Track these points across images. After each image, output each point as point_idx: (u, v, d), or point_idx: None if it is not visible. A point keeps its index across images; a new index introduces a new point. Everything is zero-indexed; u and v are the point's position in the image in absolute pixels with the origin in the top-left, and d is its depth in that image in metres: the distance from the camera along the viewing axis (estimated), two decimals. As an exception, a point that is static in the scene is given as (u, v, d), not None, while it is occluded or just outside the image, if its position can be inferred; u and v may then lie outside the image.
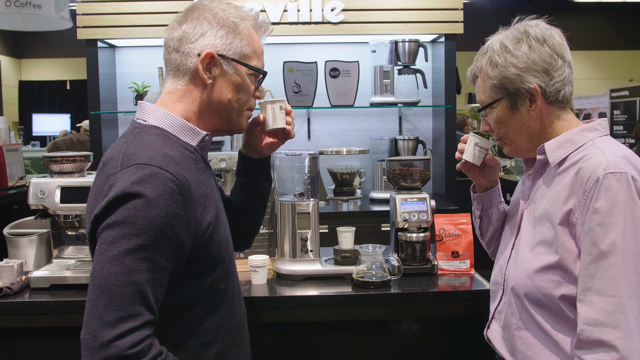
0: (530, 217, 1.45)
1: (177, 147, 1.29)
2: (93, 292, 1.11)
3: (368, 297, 1.93)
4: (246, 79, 1.36)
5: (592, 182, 1.26)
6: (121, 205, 1.12)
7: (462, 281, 2.07)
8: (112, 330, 1.07)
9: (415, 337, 2.05)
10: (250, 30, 1.36)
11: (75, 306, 1.88)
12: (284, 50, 3.92)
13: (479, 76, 1.50)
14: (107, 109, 3.85)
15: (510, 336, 1.44)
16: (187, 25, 1.32)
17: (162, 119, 1.31)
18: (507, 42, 1.43)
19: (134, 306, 1.09)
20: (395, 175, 2.16)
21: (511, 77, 1.40)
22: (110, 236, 1.12)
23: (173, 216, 1.16)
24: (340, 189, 2.10)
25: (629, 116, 7.79)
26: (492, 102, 1.47)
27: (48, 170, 2.09)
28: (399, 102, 3.74)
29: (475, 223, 1.79)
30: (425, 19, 3.66)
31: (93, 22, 3.65)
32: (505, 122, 1.46)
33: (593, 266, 1.23)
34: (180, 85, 1.34)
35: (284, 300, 1.93)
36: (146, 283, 1.11)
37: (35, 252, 2.13)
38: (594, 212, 1.24)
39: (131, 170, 1.16)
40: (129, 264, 1.10)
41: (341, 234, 2.11)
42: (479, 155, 1.65)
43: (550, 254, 1.33)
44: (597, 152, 1.32)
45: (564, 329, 1.32)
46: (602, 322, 1.20)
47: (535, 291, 1.34)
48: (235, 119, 1.39)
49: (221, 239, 1.32)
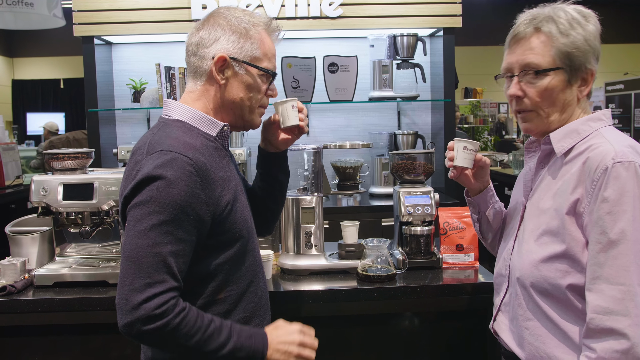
0: (534, 207, 1.44)
1: (198, 136, 1.43)
2: (124, 263, 1.27)
3: (373, 290, 1.92)
4: (257, 79, 1.48)
5: (600, 171, 1.25)
6: (146, 186, 1.29)
7: (467, 274, 2.07)
8: (140, 295, 1.24)
9: (421, 331, 2.05)
10: (262, 35, 1.48)
11: (79, 303, 1.88)
12: (282, 46, 3.82)
13: (542, 34, 1.36)
14: (104, 106, 3.82)
15: (517, 327, 1.43)
16: (203, 31, 1.47)
17: (184, 113, 1.47)
18: (575, 15, 1.36)
19: (159, 274, 1.26)
20: (399, 168, 2.16)
21: (583, 50, 1.34)
22: (137, 214, 1.28)
23: (192, 195, 1.31)
24: (344, 183, 2.10)
25: (624, 110, 7.81)
26: (551, 69, 1.36)
27: (44, 169, 2.07)
28: (398, 97, 3.73)
29: (475, 227, 1.79)
30: (423, 13, 3.65)
31: (89, 19, 3.62)
32: (555, 95, 1.37)
33: (602, 255, 1.23)
34: (198, 85, 1.49)
35: (289, 295, 1.93)
36: (169, 254, 1.27)
37: (38, 249, 2.12)
38: (602, 201, 1.24)
39: (154, 157, 1.32)
40: (154, 237, 1.26)
41: (345, 228, 2.10)
42: (470, 157, 1.64)
43: (556, 243, 1.32)
44: (604, 141, 1.32)
45: (571, 318, 1.32)
46: (612, 310, 1.20)
47: (542, 281, 1.34)
48: (247, 116, 1.52)
49: (239, 217, 1.44)
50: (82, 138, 5.92)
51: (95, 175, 2.00)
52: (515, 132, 10.31)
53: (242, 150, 3.50)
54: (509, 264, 1.49)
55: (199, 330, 1.30)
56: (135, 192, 1.30)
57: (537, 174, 1.48)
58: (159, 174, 1.28)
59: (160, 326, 1.25)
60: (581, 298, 1.30)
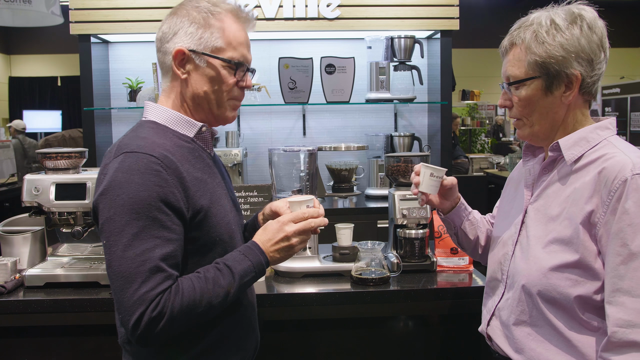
0: (540, 214, 1.41)
1: (171, 137, 1.38)
2: (116, 280, 1.21)
3: (367, 294, 1.91)
4: (221, 71, 1.39)
5: (618, 182, 1.24)
6: (115, 193, 1.23)
7: (461, 278, 2.06)
8: (140, 307, 1.19)
9: (415, 334, 2.04)
10: (225, 22, 1.39)
11: (70, 304, 1.86)
12: (279, 46, 3.89)
13: (517, 47, 1.39)
14: (100, 105, 3.80)
15: (518, 333, 1.41)
16: (165, 26, 1.42)
17: (160, 114, 1.42)
18: (557, 20, 1.35)
19: (154, 280, 1.21)
20: (394, 171, 2.15)
21: (558, 58, 1.33)
22: (114, 227, 1.22)
23: (164, 192, 1.26)
24: (339, 185, 2.08)
25: (620, 113, 7.83)
26: (527, 79, 1.38)
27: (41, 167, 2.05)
28: (395, 99, 3.72)
29: (453, 239, 1.78)
30: (421, 15, 3.64)
31: (86, 17, 3.59)
32: (534, 103, 1.39)
33: (622, 267, 1.21)
34: (167, 83, 1.44)
35: (282, 297, 1.92)
36: (159, 259, 1.22)
37: (30, 249, 2.10)
38: (623, 213, 1.22)
39: (120, 159, 1.27)
40: (139, 245, 1.21)
41: (340, 230, 2.09)
42: (436, 184, 1.63)
43: (568, 252, 1.31)
44: (618, 152, 1.30)
45: (575, 327, 1.31)
46: (636, 323, 1.19)
47: (550, 289, 1.32)
48: (216, 110, 1.44)
49: (220, 220, 1.39)
50: (78, 136, 5.90)
51: (88, 175, 1.98)
52: (512, 135, 10.32)
53: (238, 151, 3.49)
54: (507, 269, 1.48)
55: (202, 293, 1.26)
56: (104, 202, 1.25)
57: (539, 180, 1.46)
58: (125, 179, 1.24)
59: (167, 320, 1.20)
60: (586, 310, 1.29)
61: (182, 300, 1.22)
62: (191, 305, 1.24)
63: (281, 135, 3.97)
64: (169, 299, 1.21)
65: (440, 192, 1.67)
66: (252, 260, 1.35)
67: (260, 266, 1.36)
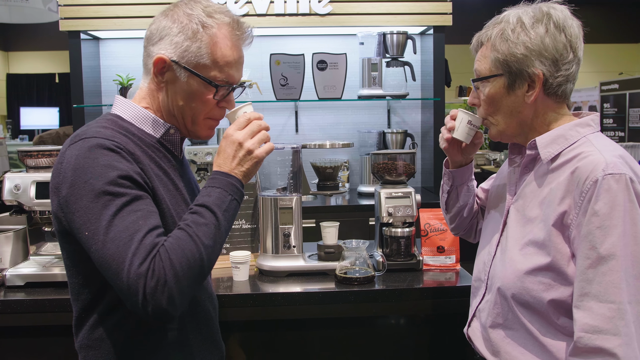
0: (520, 214, 1.39)
1: (132, 134, 1.31)
2: (108, 268, 1.13)
3: (351, 293, 1.89)
4: (199, 89, 1.31)
5: (590, 182, 1.20)
6: (82, 180, 1.16)
7: (448, 277, 2.04)
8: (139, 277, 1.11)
9: (400, 334, 2.02)
10: (217, 38, 1.30)
11: (50, 304, 1.84)
12: (270, 42, 3.86)
13: (484, 45, 1.40)
14: (91, 102, 3.78)
15: (494, 336, 1.39)
16: (154, 25, 1.33)
17: (127, 110, 1.36)
18: (525, 18, 1.33)
19: (142, 249, 1.13)
20: (380, 169, 2.12)
21: (518, 56, 1.32)
22: (92, 215, 1.14)
23: (133, 169, 1.21)
24: (324, 183, 2.06)
25: (618, 109, 7.78)
26: (489, 76, 1.38)
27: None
28: (387, 95, 3.69)
29: (442, 197, 1.74)
30: (413, 11, 3.60)
31: (76, 13, 3.57)
32: (497, 101, 1.38)
33: (591, 271, 1.18)
34: (146, 83, 1.37)
35: (265, 297, 1.89)
36: (145, 231, 1.15)
37: (12, 249, 2.08)
38: (593, 215, 1.18)
39: (78, 145, 1.21)
40: (120, 224, 1.14)
41: (325, 229, 2.07)
42: (470, 133, 1.55)
43: (541, 255, 1.28)
44: (593, 150, 1.26)
45: (550, 332, 1.28)
46: (602, 329, 1.15)
47: (524, 293, 1.29)
48: (190, 125, 1.36)
49: (172, 212, 1.30)
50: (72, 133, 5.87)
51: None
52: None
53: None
54: (489, 270, 1.45)
55: (189, 239, 1.17)
56: (75, 195, 1.16)
57: (521, 178, 1.43)
58: (88, 163, 1.17)
59: (170, 281, 1.12)
60: (560, 314, 1.26)
61: (173, 256, 1.14)
62: (186, 254, 1.15)
63: (273, 132, 3.90)
64: (160, 261, 1.12)
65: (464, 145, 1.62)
66: (220, 186, 1.26)
67: (232, 187, 1.27)
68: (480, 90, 1.42)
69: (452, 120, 1.58)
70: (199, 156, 3.45)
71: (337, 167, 2.05)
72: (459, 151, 1.64)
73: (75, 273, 1.30)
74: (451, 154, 1.65)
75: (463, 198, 1.69)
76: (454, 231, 1.79)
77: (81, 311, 1.31)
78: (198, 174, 3.56)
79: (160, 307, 1.11)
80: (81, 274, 1.28)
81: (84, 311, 1.30)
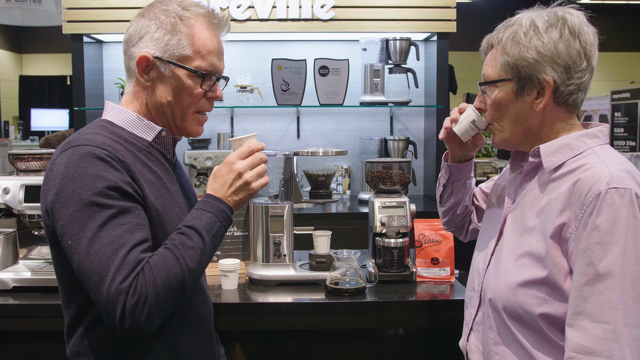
0: (517, 223, 1.34)
1: (123, 139, 1.31)
2: (89, 279, 1.13)
3: (341, 305, 1.85)
4: (186, 81, 1.33)
5: (592, 195, 1.15)
6: (70, 189, 1.16)
7: (442, 289, 1.99)
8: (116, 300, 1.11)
9: (391, 347, 1.97)
10: (195, 29, 1.32)
11: (36, 310, 1.82)
12: (272, 48, 3.84)
13: (494, 47, 1.35)
14: (93, 105, 3.77)
15: (487, 351, 1.35)
16: (132, 28, 1.35)
17: (117, 115, 1.37)
18: (538, 22, 1.28)
19: (126, 265, 1.13)
20: (374, 177, 2.08)
21: (529, 60, 1.27)
22: (76, 225, 1.15)
23: (123, 179, 1.21)
24: (317, 191, 2.02)
25: (630, 118, 7.69)
26: (498, 80, 1.33)
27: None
28: (390, 102, 3.66)
29: (437, 190, 1.72)
30: (417, 17, 3.57)
31: (79, 17, 3.57)
32: (504, 107, 1.34)
33: (587, 288, 1.12)
34: (131, 86, 1.38)
35: (252, 307, 1.86)
36: (130, 245, 1.15)
37: (2, 252, 2.06)
38: (593, 229, 1.13)
39: (68, 153, 1.21)
40: (105, 237, 1.14)
41: (316, 238, 2.03)
42: (470, 132, 1.50)
43: (537, 268, 1.23)
44: (598, 162, 1.21)
45: (544, 347, 1.23)
46: (594, 351, 1.10)
47: (516, 306, 1.25)
48: (179, 121, 1.38)
49: (172, 228, 1.29)
50: (77, 136, 5.89)
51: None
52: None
53: (229, 153, 3.45)
54: (482, 280, 1.41)
55: (174, 260, 1.18)
56: (62, 202, 1.17)
57: (521, 186, 1.38)
58: (77, 172, 1.17)
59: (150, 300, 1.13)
60: (554, 329, 1.21)
61: (157, 275, 1.14)
62: (169, 276, 1.16)
63: (274, 137, 3.92)
64: (144, 279, 1.13)
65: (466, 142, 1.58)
66: (212, 211, 1.27)
67: (223, 214, 1.29)
68: (487, 94, 1.38)
69: (458, 113, 1.54)
70: (198, 161, 3.45)
71: (329, 175, 2.01)
72: (458, 146, 1.61)
73: (65, 280, 1.30)
74: (450, 147, 1.63)
75: (457, 195, 1.66)
76: (445, 226, 1.77)
77: (72, 318, 1.32)
78: (198, 178, 3.55)
79: (138, 324, 1.13)
80: (70, 282, 1.28)
81: (75, 319, 1.31)
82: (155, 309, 1.14)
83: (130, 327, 1.12)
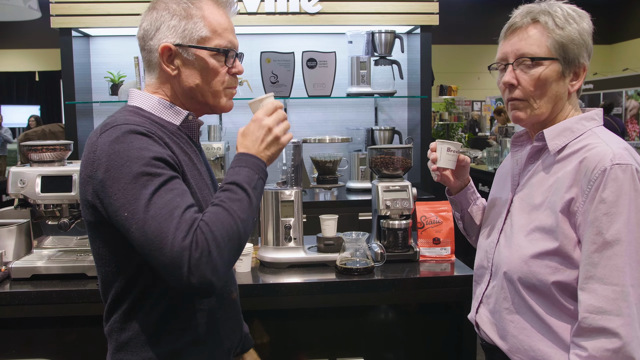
0: (524, 202, 1.45)
1: (153, 123, 1.34)
2: (150, 245, 1.15)
3: (352, 283, 1.95)
4: (210, 61, 1.37)
5: (598, 172, 1.28)
6: (119, 163, 1.19)
7: (443, 267, 2.11)
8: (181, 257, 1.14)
9: (398, 323, 2.09)
10: (206, 10, 1.36)
11: (57, 296, 1.87)
12: (261, 41, 3.91)
13: (538, 24, 1.39)
14: (81, 99, 3.78)
15: (501, 320, 1.46)
16: (145, 22, 1.37)
17: (145, 101, 1.39)
18: (570, 12, 1.40)
19: (184, 222, 1.16)
20: (378, 163, 2.19)
21: (578, 43, 1.38)
22: (130, 196, 1.18)
23: (167, 152, 1.25)
24: (324, 177, 2.12)
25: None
26: (547, 58, 1.38)
27: (22, 161, 2.05)
28: (375, 93, 3.77)
29: (459, 225, 1.81)
30: (401, 10, 3.69)
31: (67, 11, 3.57)
32: (547, 85, 1.39)
33: (596, 255, 1.25)
34: (154, 79, 1.41)
35: (268, 287, 1.95)
36: (184, 207, 1.18)
37: (15, 242, 2.10)
38: (600, 202, 1.26)
39: (109, 132, 1.24)
40: (159, 201, 1.17)
41: (324, 221, 2.13)
42: (453, 159, 1.66)
43: (549, 240, 1.34)
44: (600, 142, 1.34)
45: (556, 313, 1.35)
46: (605, 310, 1.23)
47: (530, 276, 1.36)
48: (212, 101, 1.41)
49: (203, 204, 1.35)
50: (58, 131, 5.85)
51: (73, 168, 1.99)
52: (488, 130, 10.46)
53: (220, 145, 3.51)
54: (492, 257, 1.52)
55: (227, 212, 1.21)
56: (112, 178, 1.20)
57: (525, 169, 1.50)
58: (124, 147, 1.21)
59: (213, 251, 1.15)
60: (566, 295, 1.33)
61: (214, 228, 1.18)
62: (225, 227, 1.19)
63: (263, 129, 3.98)
64: (202, 234, 1.16)
65: (453, 170, 1.70)
66: (249, 165, 1.30)
67: (259, 167, 1.32)
68: (523, 71, 1.41)
69: (433, 153, 1.68)
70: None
71: (336, 161, 2.11)
72: (453, 177, 1.73)
73: (108, 262, 1.32)
74: (446, 182, 1.74)
75: (477, 217, 1.74)
76: None
77: (114, 298, 1.34)
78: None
79: (205, 278, 1.15)
80: (114, 262, 1.31)
81: (117, 298, 1.33)
82: (219, 260, 1.17)
83: (199, 282, 1.14)
